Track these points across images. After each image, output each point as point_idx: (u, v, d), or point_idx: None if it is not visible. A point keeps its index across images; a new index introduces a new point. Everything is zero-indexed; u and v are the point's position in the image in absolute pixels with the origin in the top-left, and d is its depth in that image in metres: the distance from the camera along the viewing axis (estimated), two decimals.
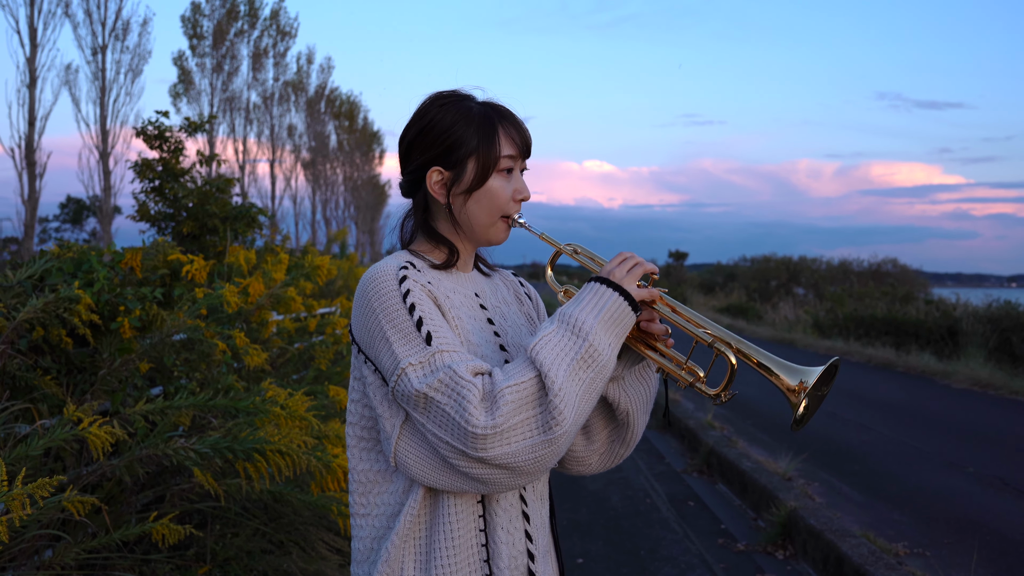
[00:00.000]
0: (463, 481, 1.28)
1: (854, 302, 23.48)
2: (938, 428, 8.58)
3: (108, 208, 23.84)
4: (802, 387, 1.30)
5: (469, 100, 1.47)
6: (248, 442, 2.86)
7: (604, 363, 1.28)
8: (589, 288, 1.33)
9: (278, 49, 33.48)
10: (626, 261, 1.37)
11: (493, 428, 1.21)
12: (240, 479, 3.28)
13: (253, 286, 4.74)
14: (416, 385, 1.26)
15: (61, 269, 3.79)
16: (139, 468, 3.08)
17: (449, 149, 1.42)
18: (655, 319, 1.40)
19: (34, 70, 20.28)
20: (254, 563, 3.69)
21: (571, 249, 1.53)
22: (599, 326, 1.28)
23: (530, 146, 1.49)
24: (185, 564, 3.57)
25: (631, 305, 1.32)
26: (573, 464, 1.54)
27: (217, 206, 6.56)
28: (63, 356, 3.57)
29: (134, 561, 3.37)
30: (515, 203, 1.47)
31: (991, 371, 11.86)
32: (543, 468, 1.26)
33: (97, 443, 2.61)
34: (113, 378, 3.49)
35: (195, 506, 3.57)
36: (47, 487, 2.07)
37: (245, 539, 3.77)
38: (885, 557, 4.04)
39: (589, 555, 4.59)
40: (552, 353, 1.25)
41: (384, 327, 1.31)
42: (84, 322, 3.36)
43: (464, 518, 1.36)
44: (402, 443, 1.33)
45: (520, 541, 1.41)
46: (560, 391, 1.23)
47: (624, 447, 1.53)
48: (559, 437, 1.23)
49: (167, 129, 6.72)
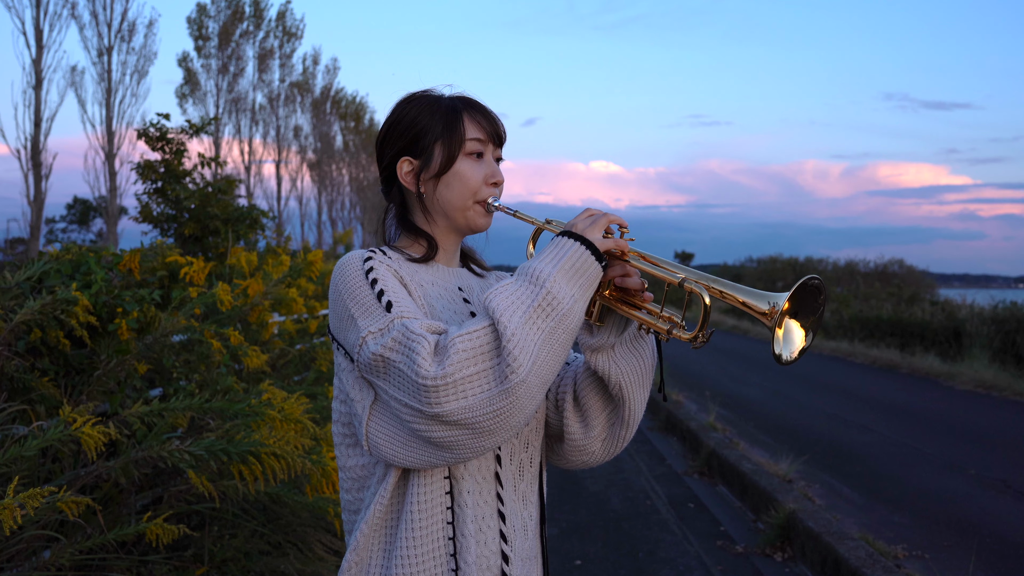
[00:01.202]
0: (428, 449, 1.24)
1: (860, 303, 23.43)
2: (940, 430, 8.55)
3: (114, 209, 23.93)
4: (773, 311, 1.24)
5: (438, 95, 1.48)
6: (243, 445, 2.87)
7: (565, 312, 1.23)
8: (551, 242, 1.30)
9: (284, 50, 33.61)
10: (591, 215, 1.33)
11: (444, 378, 1.16)
12: (236, 480, 3.29)
13: (252, 286, 4.75)
14: (372, 348, 1.24)
15: (59, 271, 3.81)
16: (135, 470, 3.09)
17: (416, 138, 1.44)
18: (630, 274, 1.35)
19: (40, 71, 20.38)
20: (251, 564, 3.70)
21: (544, 221, 1.50)
22: (558, 274, 1.24)
23: (501, 134, 1.48)
24: (183, 565, 3.58)
25: (595, 255, 1.27)
26: (575, 454, 1.48)
27: (219, 208, 6.58)
28: (61, 358, 3.59)
29: (131, 562, 3.38)
30: (489, 187, 1.45)
31: (995, 373, 11.83)
32: (506, 426, 1.20)
33: (91, 443, 2.62)
34: (109, 379, 3.50)
35: (192, 507, 3.58)
36: (38, 497, 2.08)
37: (243, 540, 3.78)
38: (883, 560, 4.03)
39: (587, 557, 4.59)
40: (506, 301, 1.22)
41: (349, 307, 1.31)
42: (82, 324, 3.37)
43: (431, 508, 1.32)
44: (372, 423, 1.31)
45: (493, 540, 1.36)
46: (514, 337, 1.18)
47: (624, 428, 1.45)
48: (516, 387, 1.17)
49: (169, 131, 6.75)
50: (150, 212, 6.92)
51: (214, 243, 6.77)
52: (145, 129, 6.89)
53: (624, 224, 1.34)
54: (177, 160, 6.86)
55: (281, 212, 35.46)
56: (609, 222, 1.32)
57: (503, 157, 1.51)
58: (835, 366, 14.54)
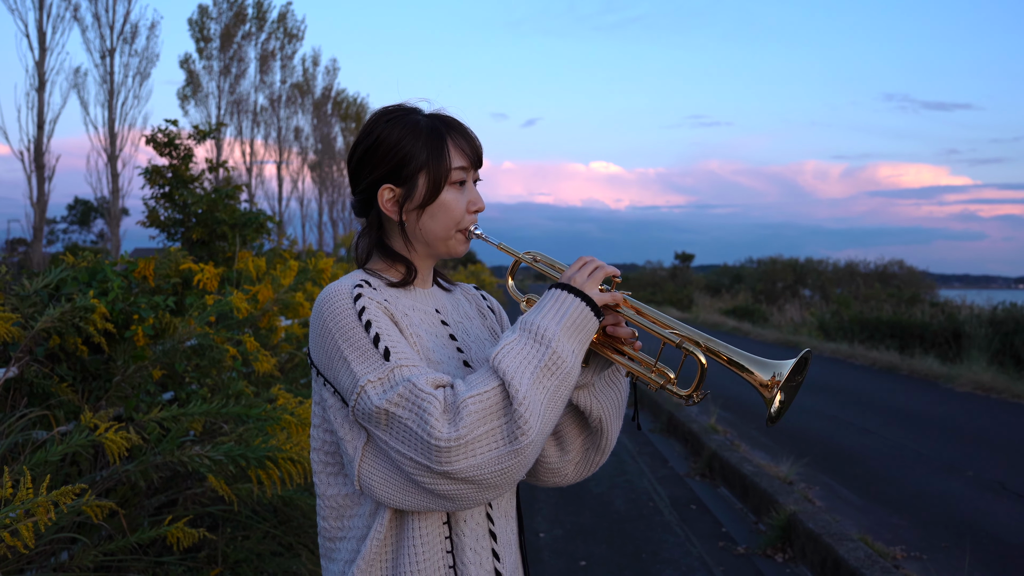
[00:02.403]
0: (429, 499, 1.25)
1: (860, 304, 23.50)
2: (939, 432, 8.63)
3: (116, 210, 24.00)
4: (775, 381, 1.26)
5: (416, 113, 1.44)
6: (260, 450, 2.95)
7: (568, 370, 1.25)
8: (550, 295, 1.31)
9: (285, 52, 33.71)
10: (586, 265, 1.34)
11: (457, 440, 1.18)
12: (251, 484, 3.37)
13: (262, 292, 4.83)
14: (376, 401, 1.23)
15: (76, 279, 3.88)
16: (153, 473, 3.18)
17: (398, 165, 1.40)
18: (621, 323, 1.37)
19: (43, 74, 20.46)
20: (264, 565, 3.78)
21: (530, 257, 1.50)
22: (562, 332, 1.26)
23: (481, 156, 1.46)
24: (197, 566, 3.66)
25: (593, 310, 1.29)
26: (548, 476, 1.52)
27: (226, 213, 6.66)
28: (79, 363, 3.67)
29: (148, 563, 3.46)
30: (470, 215, 1.44)
31: (994, 375, 11.90)
32: (510, 481, 1.23)
33: (113, 448, 2.71)
34: (127, 384, 3.58)
35: (207, 510, 3.66)
36: (70, 494, 2.16)
37: (255, 542, 3.86)
38: (881, 560, 4.12)
39: (592, 558, 4.67)
40: (515, 361, 1.22)
41: (341, 347, 1.29)
42: (99, 330, 3.45)
43: (430, 540, 1.34)
44: (365, 465, 1.30)
45: (488, 560, 1.39)
46: (525, 399, 1.19)
47: (599, 454, 1.50)
48: (525, 447, 1.20)
49: (176, 136, 6.84)
50: (157, 216, 7.01)
51: (221, 247, 6.85)
52: (153, 135, 6.97)
53: (617, 275, 1.36)
54: (184, 165, 6.95)
55: (282, 213, 35.56)
56: (606, 275, 1.34)
57: (480, 179, 1.50)
58: (835, 368, 14.62)
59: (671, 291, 40.39)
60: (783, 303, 30.51)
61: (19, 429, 3.05)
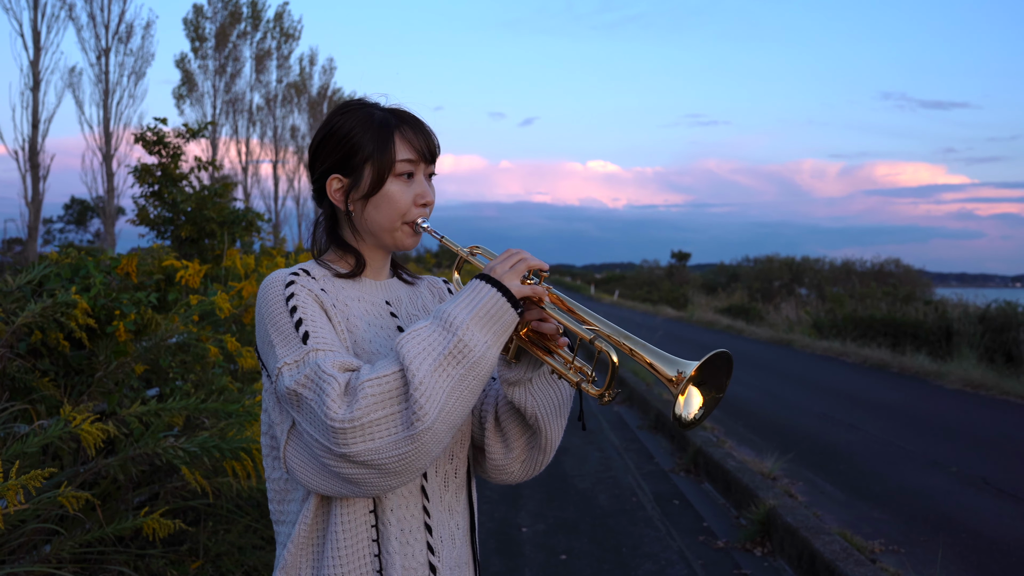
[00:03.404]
0: (338, 482, 1.26)
1: (855, 303, 23.55)
2: (926, 428, 8.69)
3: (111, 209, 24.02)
4: (679, 378, 1.23)
5: (373, 107, 1.47)
6: (235, 441, 3.00)
7: (476, 360, 1.24)
8: (469, 285, 1.31)
9: (282, 51, 33.72)
10: (511, 257, 1.33)
11: (351, 422, 1.19)
12: (229, 478, 3.42)
13: (247, 289, 4.87)
14: (287, 383, 1.26)
15: (59, 275, 3.93)
16: (132, 467, 3.22)
17: (347, 156, 1.43)
18: (546, 319, 1.35)
19: (37, 73, 20.49)
20: (245, 558, 3.82)
21: (468, 252, 1.51)
22: (471, 321, 1.25)
23: (435, 151, 1.48)
24: (179, 559, 3.70)
25: (510, 301, 1.28)
26: (496, 473, 1.52)
27: (215, 211, 6.70)
28: (61, 359, 3.71)
29: (130, 556, 3.51)
30: (418, 208, 1.46)
31: (983, 372, 11.96)
32: (412, 468, 1.23)
33: (90, 440, 2.75)
34: (109, 380, 3.63)
35: (188, 503, 3.70)
36: (39, 478, 2.20)
37: (237, 535, 3.91)
38: (856, 554, 4.17)
39: (572, 552, 4.72)
40: (418, 347, 1.23)
41: (269, 331, 1.33)
42: (81, 326, 3.49)
43: (354, 528, 1.35)
44: (290, 448, 1.33)
45: (420, 552, 1.39)
46: (421, 385, 1.19)
47: (542, 454, 1.49)
48: (422, 433, 1.20)
49: (166, 135, 6.88)
50: (147, 215, 7.05)
51: (210, 245, 6.89)
52: (143, 133, 7.01)
53: (545, 268, 1.35)
54: (174, 164, 6.99)
55: (278, 212, 35.58)
56: (529, 268, 1.33)
57: (436, 172, 1.51)
58: (827, 366, 14.67)
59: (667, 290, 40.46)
60: (779, 302, 30.57)
61: (0, 423, 3.09)
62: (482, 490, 5.97)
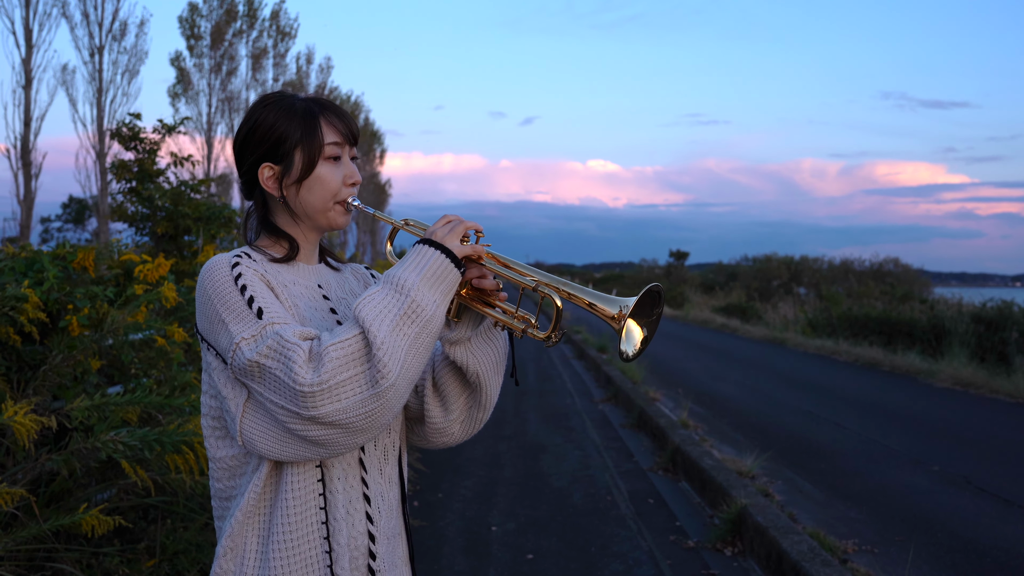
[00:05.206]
0: (303, 446, 1.32)
1: (852, 302, 23.50)
2: (912, 427, 8.62)
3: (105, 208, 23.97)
4: (621, 315, 1.34)
5: (292, 98, 1.54)
6: (176, 435, 2.94)
7: (429, 317, 1.33)
8: (413, 250, 1.39)
9: (278, 50, 33.64)
10: (449, 223, 1.43)
11: (320, 385, 1.25)
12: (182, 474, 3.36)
13: None
14: (247, 355, 1.31)
15: (13, 269, 3.87)
16: (76, 462, 3.16)
17: (275, 144, 1.49)
18: (486, 276, 1.45)
19: (30, 71, 20.44)
20: (201, 556, 3.77)
21: (403, 223, 1.59)
22: (421, 282, 1.34)
23: (356, 134, 1.56)
24: (135, 557, 3.64)
25: (453, 261, 1.37)
26: (436, 436, 1.60)
27: (190, 207, 6.65)
28: (13, 353, 3.65)
29: (83, 554, 3.45)
30: (348, 187, 1.53)
31: (973, 370, 11.90)
32: (376, 424, 1.31)
33: (23, 432, 2.69)
34: (58, 374, 3.56)
35: (144, 501, 3.65)
36: None
37: (194, 533, 3.85)
38: (824, 554, 4.10)
39: (540, 551, 4.65)
40: (376, 310, 1.30)
41: (220, 311, 1.37)
42: (31, 320, 3.43)
43: (304, 497, 1.41)
44: (246, 420, 1.38)
45: (361, 522, 1.46)
46: (383, 344, 1.27)
47: (482, 411, 1.58)
48: (386, 390, 1.28)
49: (141, 130, 6.82)
50: (125, 211, 7.00)
51: (189, 242, 6.84)
52: (118, 128, 6.96)
53: (480, 229, 1.44)
54: (150, 159, 6.93)
55: None
56: (466, 228, 1.42)
57: (358, 156, 1.60)
58: (817, 363, 14.62)
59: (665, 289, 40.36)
60: (777, 301, 30.51)
61: None
62: (456, 488, 5.91)
